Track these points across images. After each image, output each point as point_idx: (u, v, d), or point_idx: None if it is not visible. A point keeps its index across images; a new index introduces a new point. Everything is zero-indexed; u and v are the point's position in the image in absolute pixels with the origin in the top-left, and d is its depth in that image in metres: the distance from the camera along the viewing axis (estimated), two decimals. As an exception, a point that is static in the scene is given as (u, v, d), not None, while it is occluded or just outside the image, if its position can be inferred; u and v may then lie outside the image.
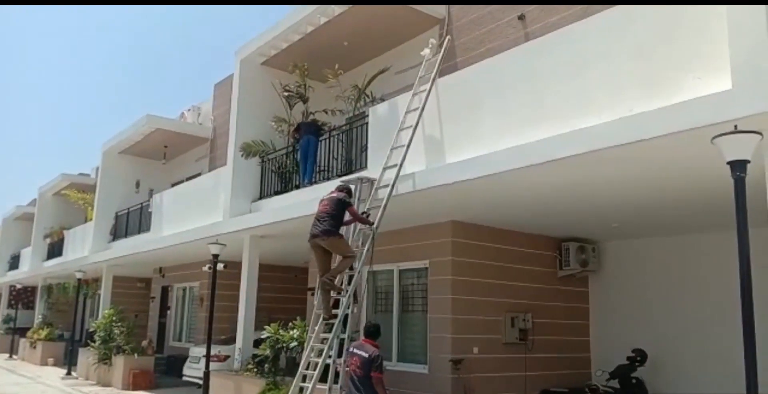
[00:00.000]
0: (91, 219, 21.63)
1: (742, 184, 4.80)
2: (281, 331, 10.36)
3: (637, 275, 11.33)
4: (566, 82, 6.77)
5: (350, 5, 10.75)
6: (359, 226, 8.63)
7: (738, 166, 4.78)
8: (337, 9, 10.94)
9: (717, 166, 5.10)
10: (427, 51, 9.45)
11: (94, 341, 16.29)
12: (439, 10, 11.10)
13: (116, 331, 15.93)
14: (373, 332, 7.18)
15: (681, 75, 5.69)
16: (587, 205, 8.83)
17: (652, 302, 11.04)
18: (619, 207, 8.95)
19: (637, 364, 10.20)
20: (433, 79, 8.69)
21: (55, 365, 21.32)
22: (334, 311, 8.28)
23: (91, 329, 17.07)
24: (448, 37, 10.23)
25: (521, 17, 9.67)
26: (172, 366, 16.58)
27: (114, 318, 16.34)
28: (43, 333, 22.70)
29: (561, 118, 6.62)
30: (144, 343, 15.94)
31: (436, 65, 8.95)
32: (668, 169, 6.84)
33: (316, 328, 8.48)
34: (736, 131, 4.78)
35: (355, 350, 6.99)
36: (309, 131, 11.28)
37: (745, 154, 4.77)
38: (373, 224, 8.32)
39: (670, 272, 10.86)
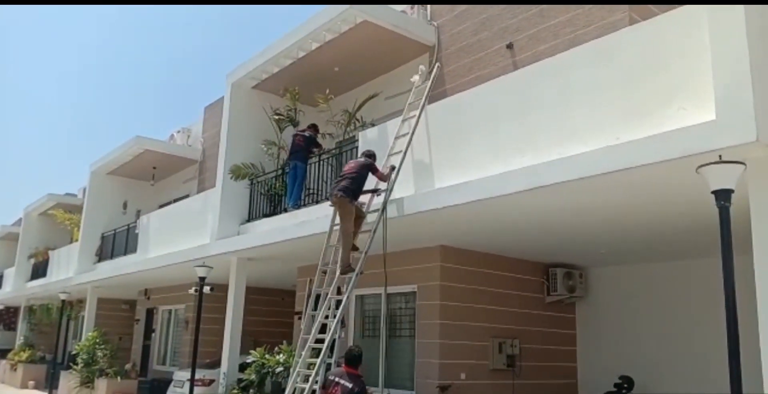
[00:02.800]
0: (76, 240, 21.45)
1: (726, 212, 4.88)
2: (267, 355, 10.26)
3: (624, 301, 11.37)
4: (553, 111, 6.86)
5: (341, 33, 10.88)
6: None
7: (722, 196, 4.87)
8: (328, 35, 11.07)
9: (702, 194, 5.18)
10: (416, 77, 9.57)
11: (77, 364, 16.05)
12: (429, 38, 11.26)
13: (99, 353, 15.73)
14: (355, 359, 6.71)
15: (666, 105, 5.78)
16: (574, 231, 8.89)
17: (639, 328, 11.06)
18: (605, 234, 9.02)
19: (624, 391, 10.18)
20: (423, 106, 8.78)
21: (36, 388, 20.91)
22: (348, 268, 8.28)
23: (74, 352, 16.83)
24: (437, 64, 10.37)
25: (510, 46, 9.82)
26: (155, 390, 16.27)
27: (97, 340, 16.13)
28: (25, 355, 22.30)
29: (548, 146, 6.71)
30: (127, 366, 15.73)
31: (426, 92, 9.06)
32: (654, 197, 6.92)
33: (303, 353, 8.41)
34: (720, 161, 4.89)
35: (338, 379, 6.50)
36: (296, 157, 11.33)
37: (729, 184, 4.86)
38: (389, 177, 8.48)
39: (656, 299, 10.90)
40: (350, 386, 6.33)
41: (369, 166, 8.55)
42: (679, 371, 10.31)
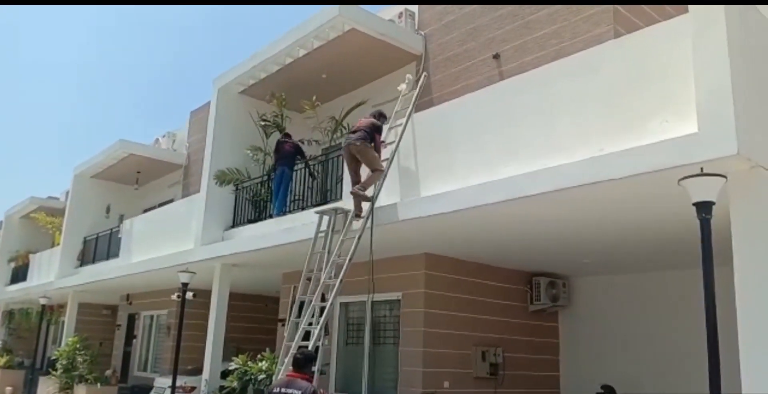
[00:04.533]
0: (58, 243, 21.22)
1: (707, 224, 4.95)
2: (250, 362, 10.20)
3: (607, 310, 11.44)
4: (537, 122, 6.93)
5: (329, 40, 10.91)
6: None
7: (703, 208, 4.94)
8: (316, 42, 11.10)
9: (684, 206, 5.25)
10: (403, 86, 9.62)
11: (56, 370, 15.84)
12: (416, 47, 11.32)
13: (79, 359, 15.52)
14: (304, 363, 5.94)
15: (649, 117, 5.86)
16: (558, 241, 8.95)
17: (621, 337, 11.14)
18: (589, 243, 9.08)
19: (606, 400, 10.22)
20: (409, 114, 8.82)
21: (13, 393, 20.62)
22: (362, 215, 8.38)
23: (54, 357, 16.61)
24: (424, 73, 10.43)
25: (496, 56, 9.91)
26: (135, 397, 16.16)
27: (78, 346, 15.93)
28: (2, 360, 21.95)
29: (532, 156, 6.76)
30: (108, 372, 15.55)
31: (412, 100, 9.10)
32: (637, 208, 7.00)
33: (286, 360, 8.37)
34: (702, 174, 4.96)
35: (284, 390, 5.65)
36: (284, 163, 11.31)
37: (710, 196, 4.93)
38: (380, 151, 8.66)
39: (638, 308, 10.99)
40: (300, 392, 5.57)
41: (377, 128, 8.75)
42: (660, 381, 10.38)
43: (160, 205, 18.05)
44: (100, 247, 18.92)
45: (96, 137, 70.92)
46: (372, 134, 8.61)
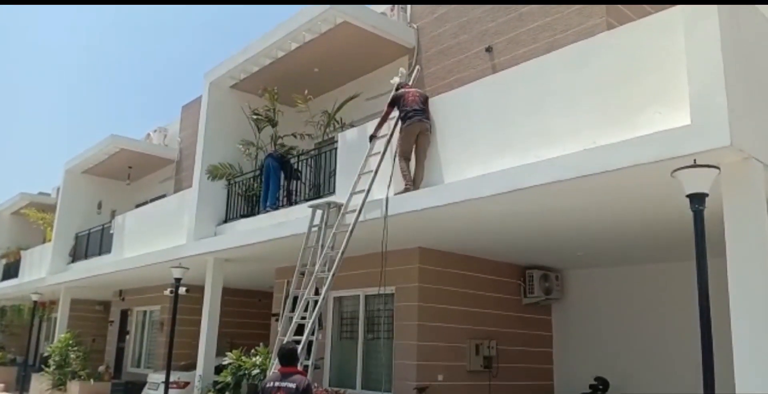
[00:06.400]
0: (50, 240, 21.11)
1: (700, 216, 4.96)
2: (243, 357, 10.19)
3: (600, 303, 11.47)
4: (531, 114, 6.92)
5: (321, 33, 10.85)
6: (327, 247, 8.54)
7: (696, 200, 4.94)
8: (308, 35, 11.03)
9: (677, 198, 5.25)
10: (396, 79, 9.55)
11: (49, 366, 15.79)
12: (409, 40, 11.28)
13: (72, 355, 15.48)
14: (291, 356, 6.03)
15: (643, 109, 5.85)
16: (551, 233, 8.96)
17: (614, 330, 11.18)
18: (582, 236, 9.09)
19: (599, 392, 10.27)
20: (402, 108, 8.76)
21: (6, 390, 20.48)
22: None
23: (46, 354, 16.55)
24: (417, 66, 10.40)
25: (489, 49, 9.88)
26: (129, 393, 16.09)
27: (70, 342, 15.88)
28: (-5, 357, 21.91)
29: (526, 149, 6.75)
30: (101, 368, 15.52)
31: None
32: (630, 200, 7.00)
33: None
34: (695, 165, 4.95)
35: (278, 383, 5.78)
36: (273, 156, 11.26)
37: (703, 188, 4.93)
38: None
39: (631, 301, 11.03)
40: (294, 386, 5.69)
41: (425, 97, 8.47)
42: (653, 373, 10.44)
43: (152, 200, 17.97)
44: (92, 243, 18.85)
45: (87, 132, 70.57)
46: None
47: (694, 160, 5.00)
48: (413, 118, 8.15)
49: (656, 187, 6.14)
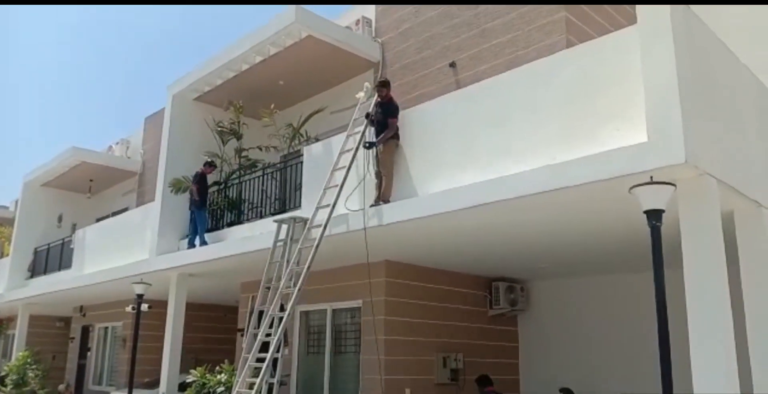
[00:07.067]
0: (7, 254, 20.57)
1: (657, 232, 5.08)
2: (208, 375, 10.03)
3: (564, 313, 11.61)
4: (493, 130, 7.01)
5: (286, 47, 10.85)
6: (292, 263, 8.48)
7: (653, 216, 5.07)
8: (273, 49, 11.02)
9: (635, 212, 5.37)
10: (361, 94, 9.59)
11: (6, 385, 15.33)
12: (373, 54, 11.36)
13: (31, 374, 15.08)
14: None
15: (602, 126, 5.98)
16: (515, 246, 9.06)
17: (578, 340, 11.31)
18: (545, 249, 9.21)
19: (564, 402, 10.36)
20: (367, 122, 8.80)
21: (-40, 411, 19.86)
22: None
23: (3, 372, 16.08)
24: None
25: (452, 65, 10.00)
26: (90, 411, 15.75)
27: (29, 360, 15.46)
28: (-52, 377, 21.17)
29: (489, 164, 6.84)
30: (61, 387, 15.15)
31: (370, 108, 9.09)
32: (591, 214, 7.12)
33: (243, 372, 8.26)
34: (651, 182, 5.08)
35: None
36: (193, 204, 11.67)
37: (659, 204, 5.06)
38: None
39: (595, 311, 11.18)
40: None
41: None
42: (617, 382, 10.56)
43: (115, 213, 17.68)
44: (51, 257, 18.43)
45: (47, 144, 69.03)
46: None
47: (651, 177, 5.13)
48: (398, 132, 8.33)
49: (615, 202, 6.25)
